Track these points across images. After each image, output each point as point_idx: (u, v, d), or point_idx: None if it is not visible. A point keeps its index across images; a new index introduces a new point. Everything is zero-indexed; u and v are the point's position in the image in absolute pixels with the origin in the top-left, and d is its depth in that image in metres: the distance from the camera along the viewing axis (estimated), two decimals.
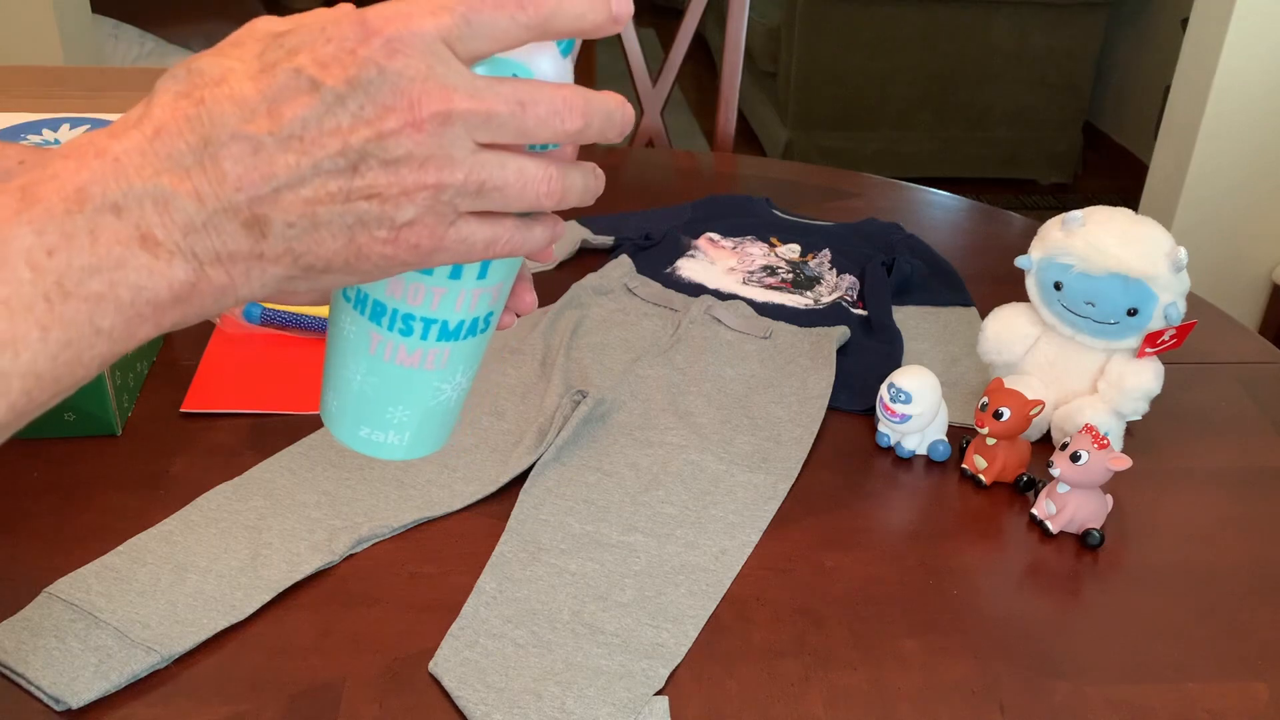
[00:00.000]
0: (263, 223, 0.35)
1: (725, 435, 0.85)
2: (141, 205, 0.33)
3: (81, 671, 0.62)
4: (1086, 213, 0.82)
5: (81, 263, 0.33)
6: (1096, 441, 0.74)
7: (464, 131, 0.36)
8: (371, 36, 0.34)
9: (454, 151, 0.36)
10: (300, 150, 0.34)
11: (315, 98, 0.34)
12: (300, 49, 0.35)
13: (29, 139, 1.06)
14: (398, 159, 0.35)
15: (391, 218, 0.36)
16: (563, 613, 0.68)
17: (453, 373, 0.44)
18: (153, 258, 0.34)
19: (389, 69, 0.34)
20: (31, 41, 1.90)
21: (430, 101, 0.35)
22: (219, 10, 2.56)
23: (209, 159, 0.34)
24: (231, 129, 0.34)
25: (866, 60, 3.25)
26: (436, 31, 0.35)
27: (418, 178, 0.35)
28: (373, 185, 0.35)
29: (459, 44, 0.35)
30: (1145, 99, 3.54)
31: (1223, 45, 2.08)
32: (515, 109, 0.36)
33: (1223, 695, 0.65)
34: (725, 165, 1.42)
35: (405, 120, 0.34)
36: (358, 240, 0.36)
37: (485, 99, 0.36)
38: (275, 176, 0.34)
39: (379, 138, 0.34)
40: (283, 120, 0.34)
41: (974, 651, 0.67)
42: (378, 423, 0.44)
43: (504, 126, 0.36)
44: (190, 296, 0.35)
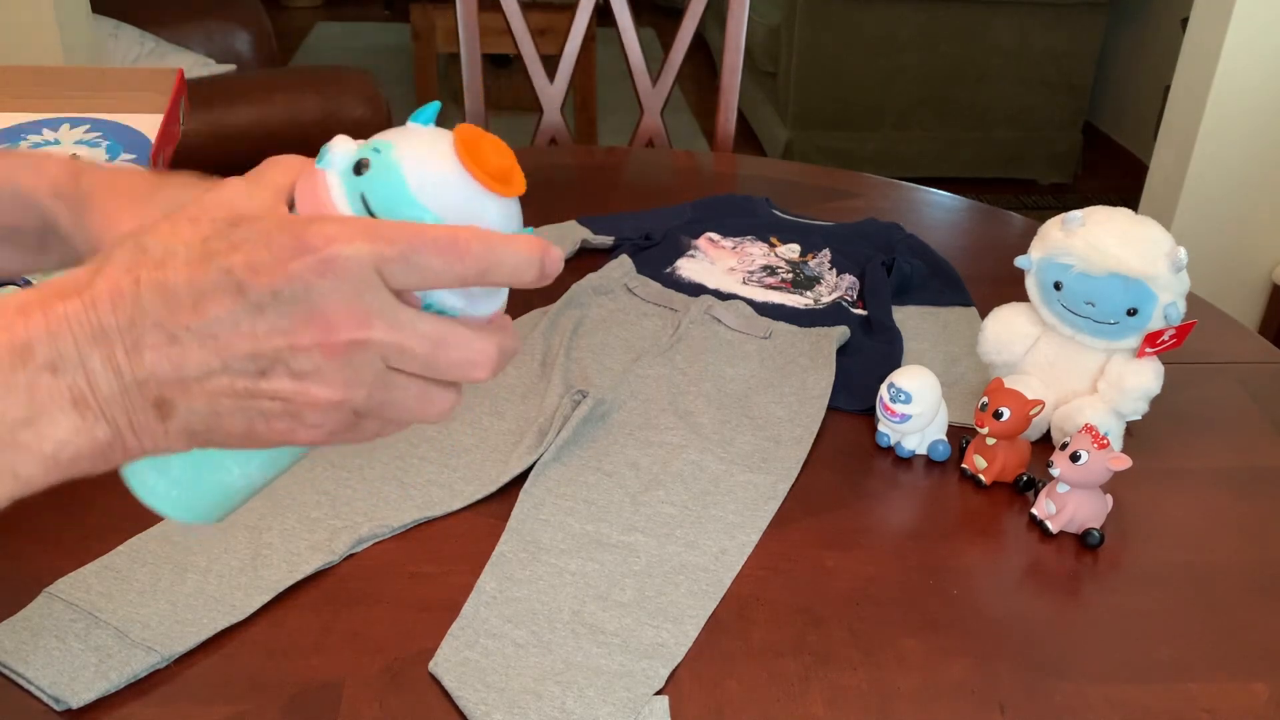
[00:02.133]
0: (168, 405, 0.37)
1: (725, 435, 0.85)
2: (74, 370, 0.36)
3: (81, 671, 0.62)
4: (1086, 213, 0.82)
5: (17, 414, 0.35)
6: (1096, 441, 0.74)
7: (376, 357, 0.37)
8: (307, 253, 0.36)
9: (362, 374, 0.37)
10: (214, 349, 0.36)
11: (238, 301, 0.36)
12: (240, 247, 0.36)
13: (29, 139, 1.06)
14: (306, 372, 0.36)
15: (293, 415, 0.38)
16: (563, 613, 0.68)
17: (247, 459, 0.43)
18: (80, 418, 0.36)
19: (315, 287, 0.36)
20: (31, 41, 1.90)
21: (348, 327, 0.36)
22: (219, 10, 2.55)
23: (131, 340, 0.36)
24: (155, 317, 0.36)
25: (866, 60, 3.25)
26: (372, 259, 0.36)
27: (324, 393, 0.37)
28: (278, 391, 0.37)
29: (391, 276, 0.37)
30: (1145, 99, 3.54)
31: (1223, 45, 2.08)
32: (430, 349, 0.38)
33: (1223, 695, 0.65)
34: (725, 165, 1.42)
35: (318, 339, 0.36)
36: (256, 428, 0.38)
37: (403, 333, 0.37)
38: (185, 367, 0.36)
39: (291, 350, 0.36)
40: (204, 317, 0.36)
41: (974, 651, 0.67)
42: (160, 467, 0.43)
43: (415, 361, 0.38)
44: (108, 454, 0.37)
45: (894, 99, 3.32)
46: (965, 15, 3.19)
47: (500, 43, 2.81)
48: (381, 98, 1.99)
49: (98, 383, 0.36)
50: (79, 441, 0.36)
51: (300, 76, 2.01)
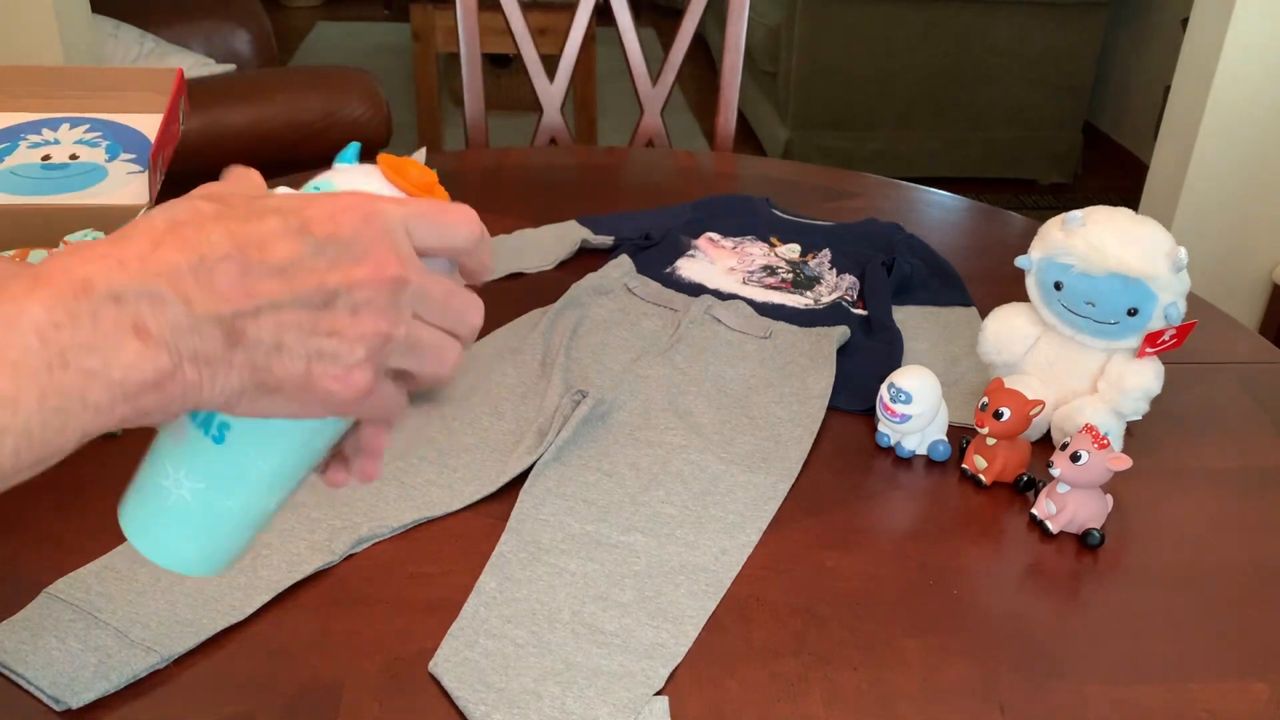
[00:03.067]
0: (239, 334, 0.39)
1: (725, 435, 0.85)
2: (139, 300, 0.37)
3: (81, 671, 0.62)
4: (1086, 213, 0.82)
5: (83, 340, 0.36)
6: (1096, 441, 0.74)
7: (409, 298, 0.42)
8: (351, 209, 0.41)
9: (401, 311, 0.42)
10: (284, 281, 0.39)
11: (301, 242, 0.40)
12: (285, 207, 0.41)
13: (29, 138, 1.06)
14: (360, 305, 0.41)
15: (345, 357, 0.41)
16: (563, 613, 0.68)
17: (177, 466, 0.45)
18: (143, 345, 0.37)
19: (363, 232, 0.41)
20: (31, 41, 1.90)
21: (392, 265, 0.41)
22: (219, 10, 2.55)
23: (204, 272, 0.38)
24: (226, 251, 0.39)
25: (866, 60, 3.25)
26: (403, 217, 0.42)
27: (374, 324, 0.41)
28: (336, 322, 0.41)
29: (416, 232, 0.43)
30: (1145, 99, 3.54)
31: (1223, 45, 2.08)
32: (444, 295, 0.44)
33: (1223, 695, 0.65)
34: (725, 165, 1.42)
35: (371, 274, 0.41)
36: (313, 370, 0.41)
37: (428, 279, 0.43)
38: (259, 297, 0.39)
39: (349, 285, 0.40)
40: (271, 253, 0.39)
41: (974, 651, 0.67)
42: (162, 514, 0.45)
43: (434, 305, 0.43)
44: (166, 385, 0.38)
45: (894, 99, 3.32)
46: (965, 15, 3.19)
47: (500, 43, 2.81)
48: (381, 98, 2.00)
49: (165, 313, 0.37)
50: (144, 368, 0.37)
51: (300, 76, 2.01)
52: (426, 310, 0.43)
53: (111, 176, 1.01)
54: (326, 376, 0.41)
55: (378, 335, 0.41)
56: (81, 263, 0.37)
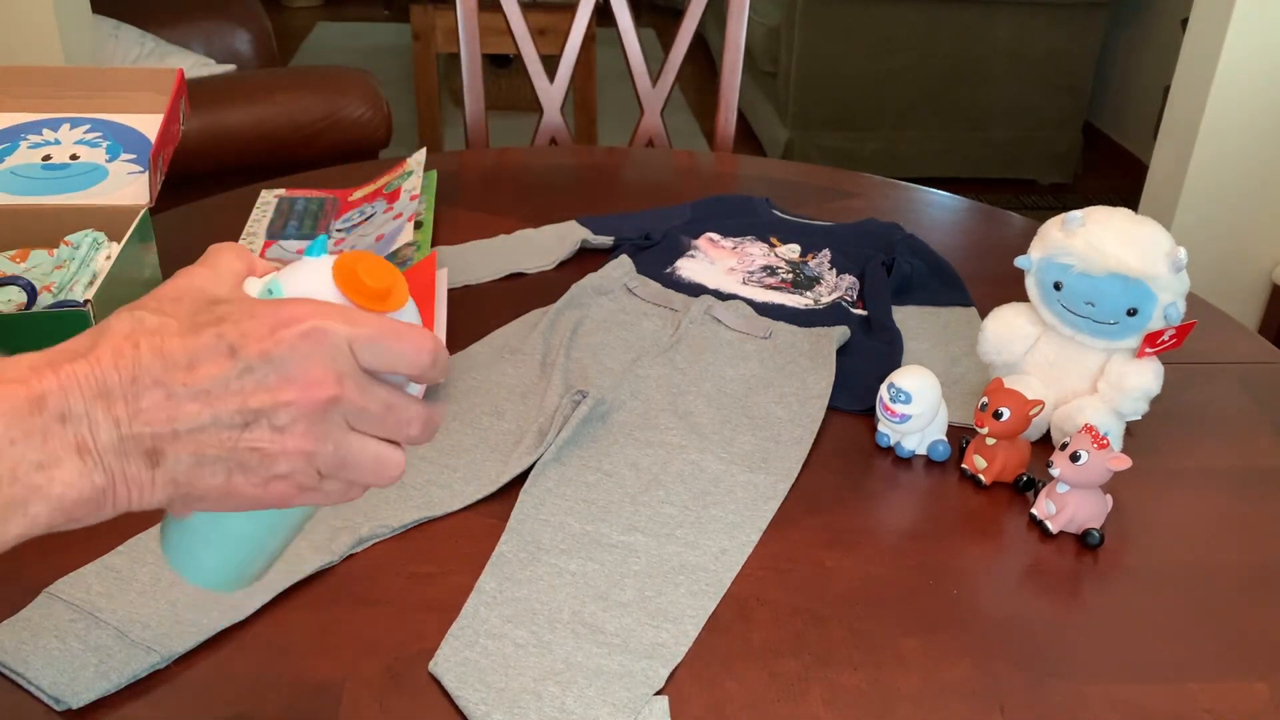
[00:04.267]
0: (159, 455, 0.41)
1: (725, 435, 0.85)
2: (80, 421, 0.40)
3: (81, 671, 0.62)
4: (1086, 213, 0.82)
5: (33, 457, 0.39)
6: (1096, 441, 0.74)
7: (341, 416, 0.43)
8: (293, 323, 0.42)
9: (330, 430, 0.43)
10: (205, 403, 0.41)
11: (231, 362, 0.41)
12: (227, 320, 0.42)
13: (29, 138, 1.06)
14: (283, 426, 0.42)
15: (267, 469, 0.42)
16: (563, 613, 0.68)
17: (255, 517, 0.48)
18: (82, 464, 0.40)
19: (299, 350, 0.41)
20: (31, 41, 1.90)
21: (324, 387, 0.42)
22: (219, 10, 2.55)
23: (133, 395, 0.40)
24: (155, 375, 0.40)
25: (866, 60, 3.25)
26: (347, 336, 0.43)
27: (297, 444, 0.42)
28: (257, 441, 0.42)
29: (359, 352, 0.43)
30: (1145, 99, 3.54)
31: (1223, 45, 2.08)
32: (383, 410, 0.44)
33: (1223, 695, 0.65)
34: (725, 165, 1.42)
35: (299, 395, 0.42)
36: (234, 481, 0.42)
37: (366, 396, 0.43)
38: (178, 420, 0.41)
39: (273, 406, 0.41)
40: (197, 376, 0.41)
41: (974, 651, 0.67)
42: (186, 535, 0.48)
43: (371, 420, 0.44)
44: (101, 500, 0.41)
45: (894, 99, 3.32)
46: (965, 15, 3.19)
47: (500, 43, 2.81)
48: (381, 98, 2.00)
49: (99, 433, 0.40)
50: (81, 485, 0.40)
51: (300, 76, 2.01)
52: (364, 424, 0.44)
53: (112, 177, 1.01)
54: (247, 485, 0.42)
55: (300, 453, 0.42)
56: (39, 378, 0.40)
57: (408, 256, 1.08)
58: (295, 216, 1.17)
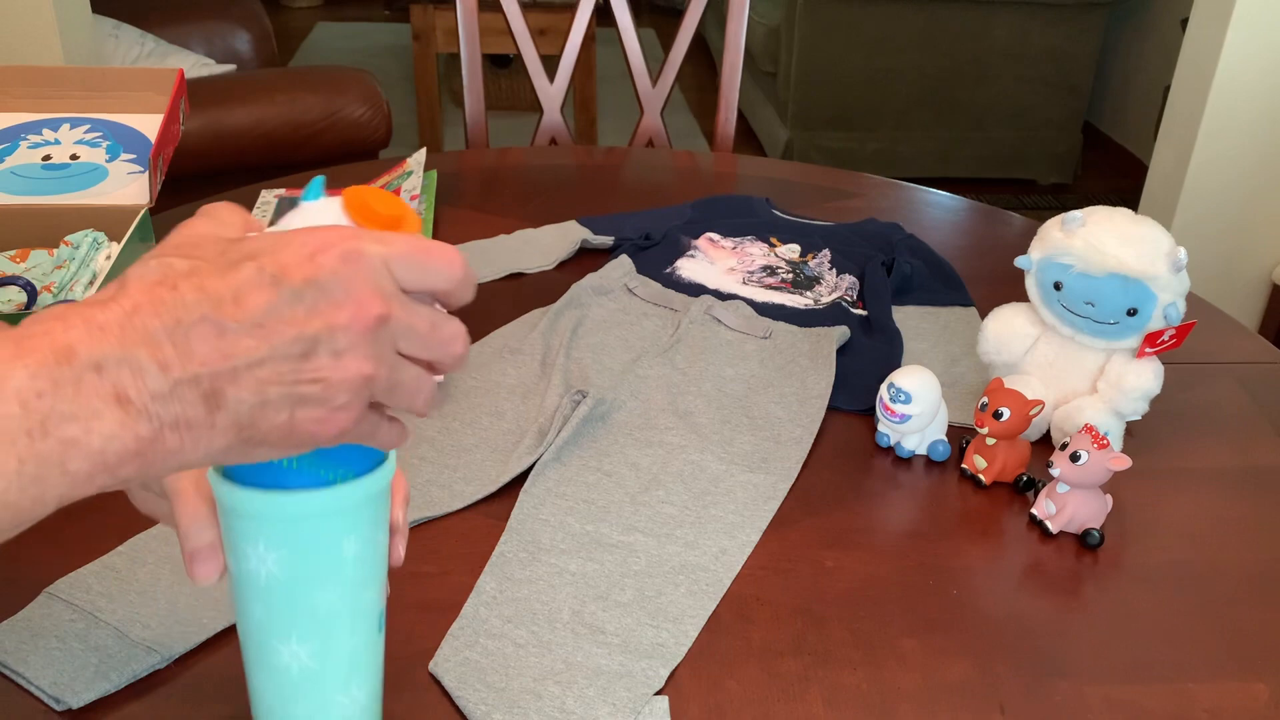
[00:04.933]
0: (219, 396, 0.39)
1: (725, 435, 0.85)
2: (119, 368, 0.37)
3: (81, 671, 0.62)
4: (1086, 213, 0.82)
5: (64, 408, 0.36)
6: (1096, 441, 0.74)
7: (391, 335, 0.42)
8: (330, 248, 0.40)
9: (383, 350, 0.42)
10: (261, 336, 0.39)
11: (276, 291, 0.39)
12: (261, 253, 0.40)
13: (29, 138, 1.06)
14: (342, 349, 0.40)
15: (329, 400, 0.41)
16: (563, 613, 0.68)
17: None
18: (124, 413, 0.37)
19: (342, 273, 0.40)
20: (31, 41, 1.90)
21: (374, 305, 0.41)
22: (219, 10, 2.55)
23: (180, 336, 0.38)
24: (201, 312, 0.38)
25: (866, 60, 3.25)
26: (383, 256, 0.41)
27: (358, 367, 0.41)
28: (318, 370, 0.40)
29: (396, 270, 0.42)
30: (1145, 99, 3.54)
31: (1223, 45, 2.08)
32: (428, 328, 0.43)
33: (1223, 695, 0.65)
34: (725, 165, 1.42)
35: (353, 316, 0.40)
36: (296, 417, 0.41)
37: (412, 314, 0.43)
38: (236, 357, 0.39)
39: (329, 330, 0.40)
40: (247, 309, 0.39)
41: (974, 651, 0.67)
42: None
43: (418, 339, 0.43)
44: (147, 453, 0.38)
45: (894, 99, 3.32)
46: (965, 15, 3.19)
47: (500, 43, 2.81)
48: (381, 98, 2.00)
49: (144, 381, 0.37)
50: (124, 437, 0.37)
51: (300, 76, 2.01)
52: (411, 345, 0.43)
53: (112, 177, 1.01)
54: (309, 420, 0.41)
55: (360, 377, 0.41)
56: (64, 329, 0.37)
57: None
58: None
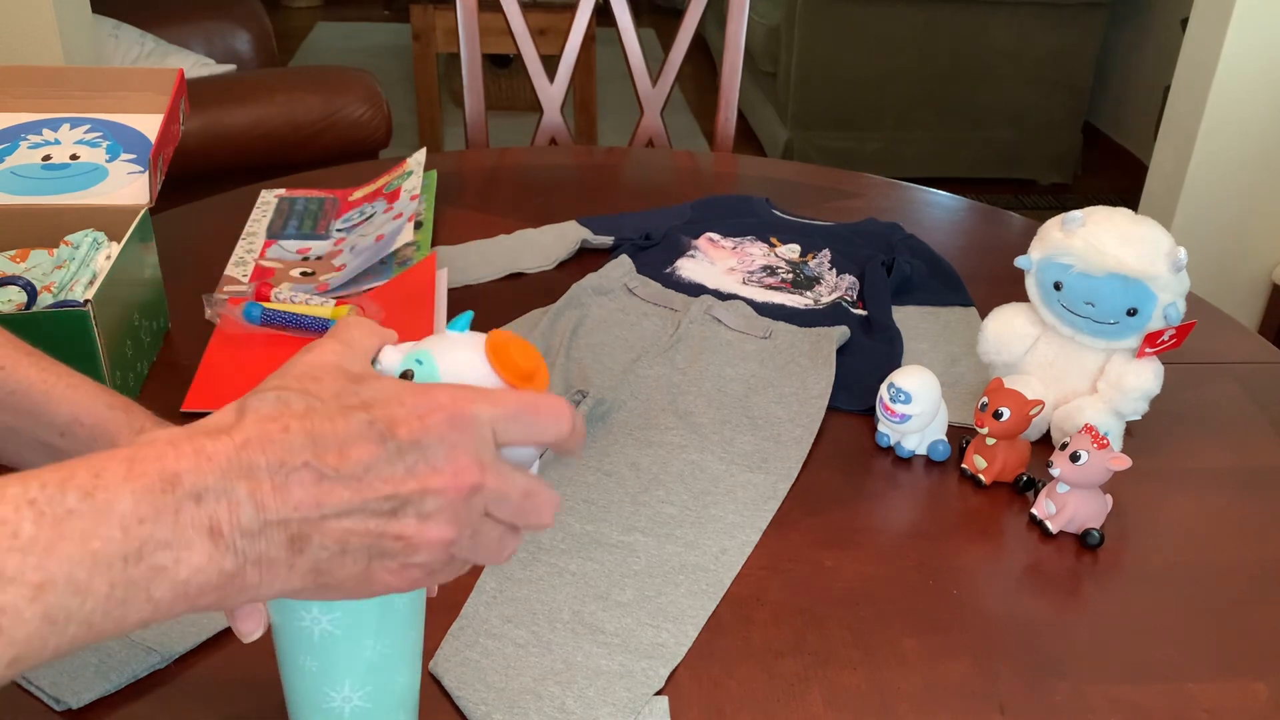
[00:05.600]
0: (304, 541, 0.39)
1: (725, 435, 0.85)
2: (218, 500, 0.38)
3: (81, 671, 0.62)
4: (1086, 213, 0.82)
5: (161, 536, 0.37)
6: (1096, 441, 0.74)
7: (483, 502, 0.42)
8: (439, 410, 0.41)
9: (471, 517, 0.42)
10: (356, 489, 0.40)
11: (381, 448, 0.40)
12: (375, 404, 0.41)
13: (29, 139, 1.06)
14: (430, 513, 0.41)
15: (407, 556, 0.42)
16: (563, 613, 0.68)
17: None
18: (213, 547, 0.38)
19: (448, 438, 0.41)
20: (31, 41, 1.90)
21: (470, 474, 0.41)
22: (219, 10, 2.55)
23: (281, 478, 0.39)
24: (304, 457, 0.39)
25: (866, 60, 3.25)
26: (490, 418, 0.42)
27: (440, 532, 0.41)
28: (403, 530, 0.41)
29: (500, 431, 0.43)
30: (1145, 99, 3.54)
31: (1223, 45, 2.08)
32: (520, 497, 0.44)
33: (1223, 695, 0.65)
34: (725, 165, 1.42)
35: (448, 483, 0.41)
36: (373, 567, 0.41)
37: (507, 482, 0.43)
38: (327, 505, 0.39)
39: (422, 493, 0.41)
40: (349, 460, 0.40)
41: (974, 651, 0.67)
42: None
43: (508, 507, 0.43)
44: (226, 587, 0.39)
45: (894, 99, 3.32)
46: (965, 15, 3.19)
47: (500, 43, 2.81)
48: (381, 98, 2.00)
49: (239, 516, 0.38)
50: (209, 570, 0.38)
51: (300, 76, 2.01)
52: (500, 510, 0.43)
53: (112, 177, 1.01)
54: (384, 571, 0.42)
55: (441, 542, 0.42)
56: (176, 456, 0.38)
57: (408, 257, 1.08)
58: (295, 216, 1.17)
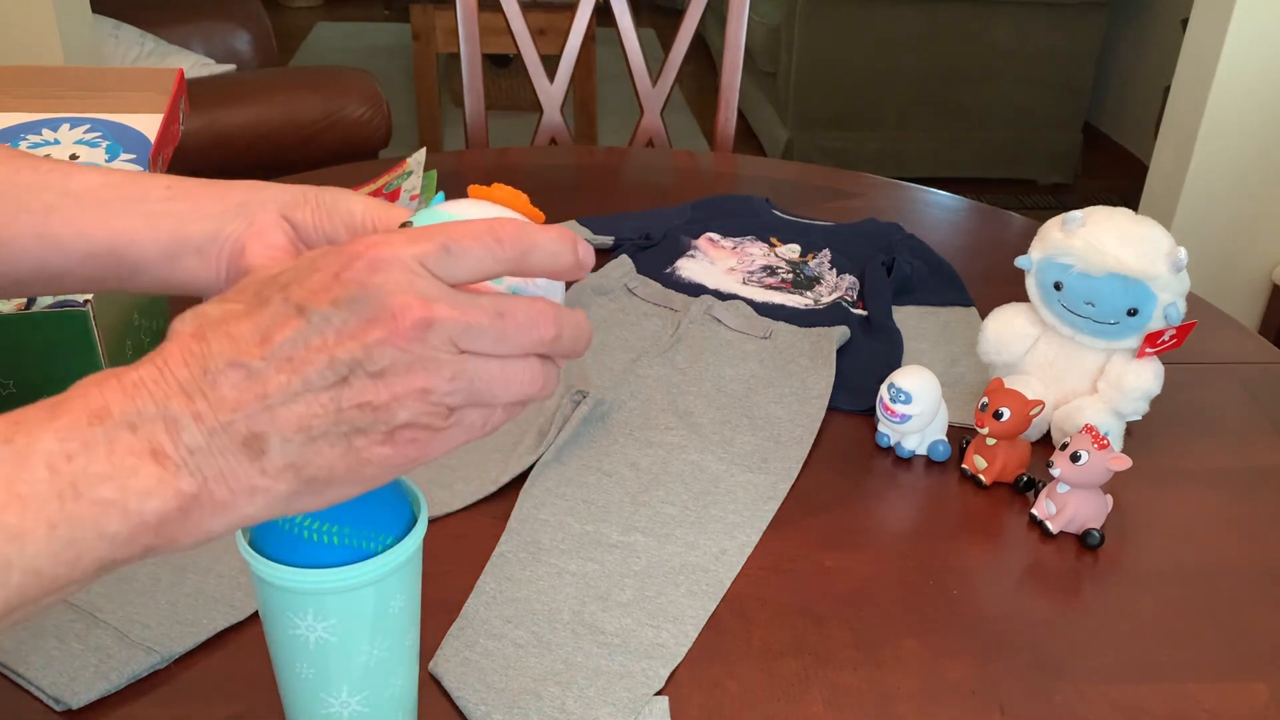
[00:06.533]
0: (261, 440, 0.37)
1: (725, 435, 0.85)
2: (154, 424, 0.36)
3: (81, 671, 0.62)
4: (1086, 213, 0.82)
5: (96, 469, 0.35)
6: (1096, 441, 0.74)
7: (446, 338, 0.38)
8: (354, 260, 0.37)
9: (438, 356, 0.38)
10: (290, 370, 0.37)
11: (303, 320, 0.37)
12: (291, 283, 0.38)
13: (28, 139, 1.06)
14: (383, 369, 0.37)
15: (385, 422, 0.38)
16: (563, 613, 0.68)
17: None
18: (161, 469, 0.36)
19: (370, 284, 0.37)
20: (31, 41, 1.90)
21: (411, 311, 0.37)
22: (219, 10, 2.55)
23: (208, 384, 0.37)
24: (228, 357, 0.37)
25: (866, 60, 3.25)
26: (415, 255, 0.38)
27: (405, 383, 0.37)
28: (362, 394, 0.37)
29: (437, 269, 0.38)
30: (1145, 99, 3.54)
31: (1223, 45, 2.08)
32: (494, 319, 0.39)
33: (1223, 695, 0.65)
34: (725, 165, 1.42)
35: (388, 330, 0.37)
36: (355, 445, 0.38)
37: (466, 309, 0.38)
38: (268, 396, 0.37)
39: (364, 349, 0.37)
40: (273, 344, 0.37)
41: (974, 651, 0.67)
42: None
43: (484, 335, 0.39)
44: (192, 509, 0.37)
45: (894, 99, 3.32)
46: (965, 15, 3.19)
47: (500, 43, 2.81)
48: (381, 98, 2.00)
49: (181, 435, 0.36)
50: (164, 494, 0.36)
51: (300, 76, 2.01)
52: (478, 342, 0.39)
53: None
54: (373, 445, 0.38)
55: (414, 393, 0.38)
56: (100, 391, 0.36)
57: None
58: None
